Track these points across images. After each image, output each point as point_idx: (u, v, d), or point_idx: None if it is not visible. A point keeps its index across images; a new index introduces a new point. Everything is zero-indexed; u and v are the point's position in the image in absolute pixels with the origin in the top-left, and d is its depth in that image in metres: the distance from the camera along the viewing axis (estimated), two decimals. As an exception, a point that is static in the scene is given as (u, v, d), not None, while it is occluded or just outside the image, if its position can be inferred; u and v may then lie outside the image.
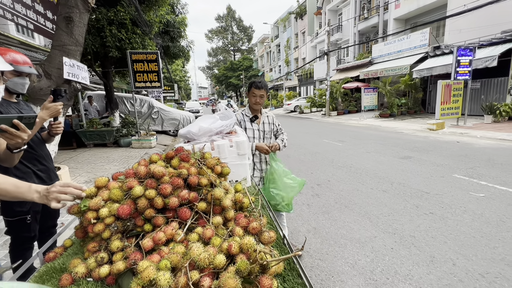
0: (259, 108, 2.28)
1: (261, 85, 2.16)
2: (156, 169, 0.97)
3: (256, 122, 2.27)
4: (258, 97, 2.17)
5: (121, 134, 8.17)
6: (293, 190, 2.02)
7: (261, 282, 0.72)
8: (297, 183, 2.03)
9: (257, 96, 2.17)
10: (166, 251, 0.82)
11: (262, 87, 2.16)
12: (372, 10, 18.88)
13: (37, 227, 1.79)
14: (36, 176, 1.72)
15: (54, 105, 1.58)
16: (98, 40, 6.91)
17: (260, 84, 2.16)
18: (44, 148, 1.82)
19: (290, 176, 2.04)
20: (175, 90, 21.96)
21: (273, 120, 2.40)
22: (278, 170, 2.03)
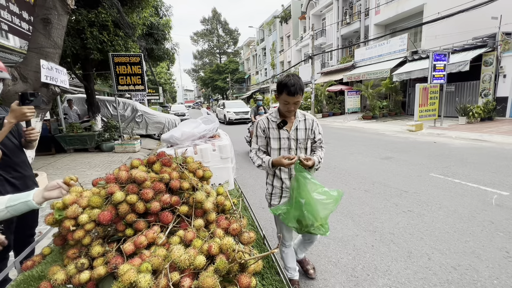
0: (293, 114, 1.74)
1: (296, 90, 1.53)
2: (137, 174, 0.98)
3: (286, 129, 1.71)
4: (291, 104, 1.60)
5: (103, 138, 7.95)
6: (327, 207, 1.56)
7: (240, 280, 0.76)
8: (332, 199, 1.56)
9: (291, 104, 1.60)
10: (148, 255, 0.84)
11: (297, 92, 1.54)
12: (354, 16, 19.49)
13: (11, 237, 1.72)
14: (9, 183, 1.66)
15: (19, 108, 1.53)
16: (78, 42, 6.72)
17: (295, 89, 1.53)
18: (20, 154, 1.76)
19: (322, 190, 1.59)
20: (160, 93, 21.60)
21: (311, 126, 1.77)
22: (306, 183, 1.57)
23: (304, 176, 1.54)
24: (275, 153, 1.72)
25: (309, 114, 1.81)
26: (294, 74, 1.58)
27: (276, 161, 1.62)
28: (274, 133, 1.72)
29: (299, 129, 1.73)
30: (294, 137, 1.73)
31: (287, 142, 1.72)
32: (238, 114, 17.29)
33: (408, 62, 13.58)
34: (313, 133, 1.78)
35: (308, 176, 1.55)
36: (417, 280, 2.14)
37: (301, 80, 1.57)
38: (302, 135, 1.74)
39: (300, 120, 1.74)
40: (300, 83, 1.55)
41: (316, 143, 1.81)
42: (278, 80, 1.58)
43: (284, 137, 1.71)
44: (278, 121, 1.71)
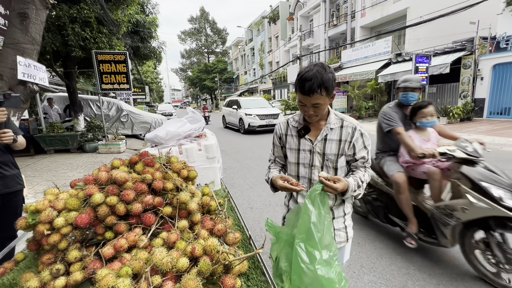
0: (317, 119, 1.21)
1: (311, 88, 1.06)
2: (118, 175, 0.94)
3: (309, 138, 1.24)
4: (309, 108, 1.13)
5: (86, 138, 7.68)
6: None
7: (224, 282, 0.74)
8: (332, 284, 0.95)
9: (308, 107, 1.13)
10: (129, 258, 0.81)
11: (313, 90, 1.06)
12: (340, 18, 19.84)
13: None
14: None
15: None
16: (59, 39, 6.46)
17: (310, 86, 1.06)
18: (2, 155, 1.68)
19: (333, 266, 0.98)
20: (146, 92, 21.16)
21: (350, 137, 1.21)
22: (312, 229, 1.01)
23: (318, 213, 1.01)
24: (293, 168, 1.30)
25: (351, 119, 1.24)
26: (321, 64, 1.08)
27: (274, 180, 1.22)
28: (292, 142, 1.28)
29: (329, 140, 1.21)
30: (320, 150, 1.21)
31: (308, 156, 1.23)
32: (265, 118, 11.44)
33: (392, 64, 13.97)
34: (352, 147, 1.21)
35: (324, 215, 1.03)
36: (401, 276, 2.19)
37: (327, 73, 1.06)
38: (333, 148, 1.20)
39: (332, 128, 1.21)
40: (322, 78, 1.04)
41: (357, 162, 1.23)
42: (299, 72, 1.12)
43: (306, 149, 1.24)
44: (298, 127, 1.26)
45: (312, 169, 1.25)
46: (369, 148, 1.26)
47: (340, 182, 1.10)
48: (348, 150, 1.23)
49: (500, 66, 10.64)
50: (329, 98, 1.13)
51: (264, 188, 4.45)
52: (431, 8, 11.82)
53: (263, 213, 3.51)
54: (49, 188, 0.96)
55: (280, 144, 1.36)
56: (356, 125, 1.23)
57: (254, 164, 6.12)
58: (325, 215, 1.07)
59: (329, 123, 1.23)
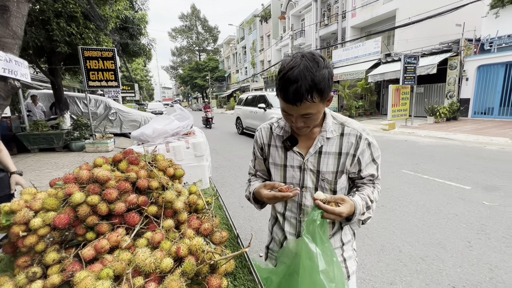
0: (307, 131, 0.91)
1: (298, 94, 0.74)
2: (100, 173, 0.91)
3: (298, 151, 0.95)
4: (297, 119, 0.83)
5: (72, 137, 7.47)
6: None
7: (209, 282, 0.72)
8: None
9: (295, 118, 0.83)
10: (110, 259, 0.78)
11: (301, 97, 0.75)
12: (331, 18, 20.02)
13: None
14: None
15: None
16: (43, 34, 6.25)
17: (296, 91, 0.74)
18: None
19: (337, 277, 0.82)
20: (136, 90, 20.78)
21: (354, 148, 0.93)
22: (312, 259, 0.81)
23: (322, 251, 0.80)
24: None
25: (354, 123, 0.95)
26: (310, 55, 0.76)
27: (257, 192, 0.96)
28: (277, 155, 0.98)
29: (324, 153, 0.92)
30: (314, 166, 0.92)
31: (298, 174, 0.95)
32: None
33: (382, 64, 14.21)
34: (357, 162, 0.93)
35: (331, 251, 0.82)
36: (389, 272, 2.23)
37: (321, 68, 0.74)
38: (329, 165, 0.92)
39: (330, 137, 0.91)
40: (313, 77, 0.72)
41: (363, 180, 0.96)
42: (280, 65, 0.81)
43: (294, 165, 0.95)
44: (284, 136, 0.97)
45: (303, 192, 0.95)
46: (379, 162, 0.95)
47: (345, 204, 0.82)
48: (351, 167, 0.93)
49: (484, 67, 10.98)
50: (325, 104, 0.80)
51: (255, 187, 4.44)
52: (419, 10, 12.09)
53: (253, 212, 3.50)
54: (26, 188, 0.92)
55: (262, 157, 1.06)
56: (361, 132, 0.92)
57: (245, 163, 6.10)
58: (331, 251, 0.83)
59: (324, 131, 0.91)
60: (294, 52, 0.80)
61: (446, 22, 12.09)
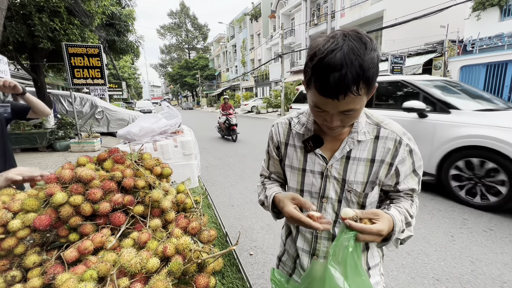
0: (340, 132, 0.74)
1: (343, 85, 0.56)
2: (83, 173, 0.88)
3: (321, 153, 0.79)
4: (334, 117, 0.65)
5: (56, 136, 7.23)
6: None
7: (197, 281, 0.72)
8: None
9: (332, 115, 0.65)
10: (94, 261, 0.76)
11: (347, 89, 0.57)
12: (321, 17, 20.21)
13: None
14: None
15: None
16: (24, 29, 6.02)
17: (340, 81, 0.55)
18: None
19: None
20: (124, 89, 20.32)
21: (391, 155, 0.75)
22: None
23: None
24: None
25: (394, 125, 0.78)
26: (355, 33, 0.59)
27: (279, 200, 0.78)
28: (295, 157, 0.84)
29: (353, 159, 0.76)
30: (339, 174, 0.77)
31: (319, 182, 0.80)
32: None
33: (370, 64, 14.45)
34: (395, 174, 0.77)
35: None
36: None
37: (369, 50, 0.57)
38: (359, 174, 0.76)
39: (361, 140, 0.76)
40: (361, 63, 0.56)
41: (401, 194, 0.81)
42: (310, 48, 0.63)
43: (315, 170, 0.80)
44: (305, 135, 0.82)
45: (323, 203, 0.80)
46: (420, 173, 0.79)
47: (381, 219, 0.64)
48: (386, 178, 0.77)
49: (467, 67, 11.38)
50: (368, 96, 0.64)
51: (246, 186, 4.44)
52: (406, 11, 12.37)
53: (244, 211, 3.50)
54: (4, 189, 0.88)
55: (278, 157, 0.90)
56: (402, 136, 0.75)
57: (236, 162, 6.09)
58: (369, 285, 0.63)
59: (355, 131, 0.75)
60: (331, 32, 0.61)
61: (431, 24, 12.44)
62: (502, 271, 2.14)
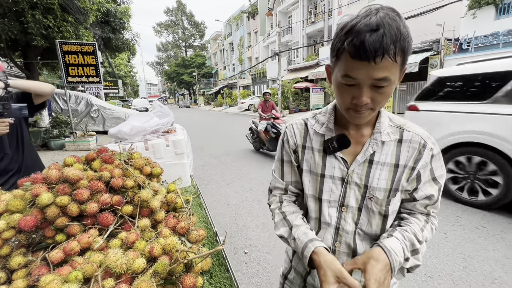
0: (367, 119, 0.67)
1: (381, 44, 0.51)
2: (70, 173, 0.87)
3: (341, 156, 0.73)
4: (365, 89, 0.58)
5: (51, 135, 7.17)
6: None
7: (183, 281, 0.71)
8: None
9: (362, 87, 0.58)
10: (80, 262, 0.76)
11: (385, 50, 0.52)
12: (318, 15, 20.17)
13: None
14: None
15: None
16: (17, 26, 5.94)
17: (378, 41, 0.51)
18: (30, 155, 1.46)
19: None
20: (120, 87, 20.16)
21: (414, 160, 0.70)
22: None
23: None
24: (311, 207, 0.78)
25: (416, 128, 0.74)
26: (389, 6, 0.57)
27: (318, 258, 0.65)
28: (312, 161, 0.76)
29: (377, 163, 0.71)
30: (361, 180, 0.72)
31: (339, 188, 0.74)
32: None
33: (366, 62, 14.49)
34: (416, 178, 0.71)
35: None
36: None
37: (403, 22, 0.55)
38: (382, 179, 0.71)
39: (385, 143, 0.71)
40: (398, 28, 0.53)
41: (417, 204, 0.74)
42: (339, 26, 0.59)
43: (335, 175, 0.74)
44: (328, 135, 0.75)
45: (343, 212, 0.74)
46: (442, 183, 0.72)
47: (372, 268, 0.60)
48: (408, 183, 0.71)
49: (462, 66, 11.44)
50: (400, 75, 0.61)
51: (242, 184, 4.44)
52: (402, 9, 12.28)
53: (239, 209, 3.50)
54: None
55: (297, 162, 0.80)
56: (426, 139, 0.71)
57: (232, 160, 6.08)
58: None
59: (378, 132, 0.70)
60: None
61: (428, 22, 12.47)
62: (494, 267, 2.17)
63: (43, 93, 1.38)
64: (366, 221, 0.74)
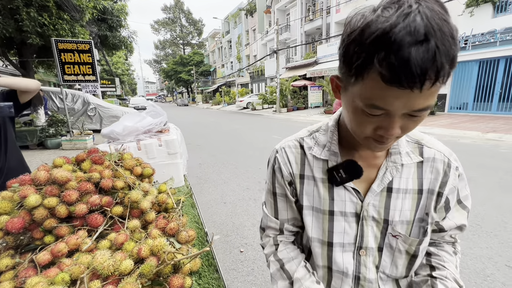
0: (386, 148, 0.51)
1: (430, 69, 0.35)
2: (58, 174, 0.87)
3: (353, 187, 0.58)
4: (394, 119, 0.43)
5: (47, 134, 7.13)
6: None
7: (171, 282, 0.72)
8: None
9: (393, 118, 0.42)
10: (68, 263, 0.76)
11: (433, 73, 0.35)
12: (316, 13, 20.10)
13: None
14: None
15: None
16: (12, 24, 5.88)
17: (429, 63, 0.34)
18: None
19: None
20: (117, 85, 20.06)
21: (440, 182, 0.58)
22: None
23: None
24: (317, 254, 0.63)
25: (437, 142, 0.61)
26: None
27: None
28: (316, 193, 0.61)
29: (397, 190, 0.58)
30: (379, 214, 0.58)
31: (353, 227, 0.59)
32: None
33: (364, 60, 14.47)
34: (444, 206, 0.60)
35: None
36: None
37: (451, 21, 0.37)
38: (406, 210, 0.58)
39: (405, 164, 0.58)
40: (451, 32, 0.36)
41: (444, 236, 0.64)
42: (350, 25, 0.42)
43: (348, 211, 0.59)
44: (332, 161, 0.60)
45: (361, 256, 0.60)
46: (469, 206, 0.63)
47: None
48: (436, 212, 0.59)
49: (460, 64, 11.46)
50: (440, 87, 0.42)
51: (238, 183, 4.45)
52: (399, 7, 12.33)
53: (236, 208, 3.51)
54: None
55: (294, 196, 0.65)
56: (449, 156, 0.59)
57: (229, 159, 6.08)
58: None
59: (397, 152, 0.58)
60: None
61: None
62: (486, 265, 2.19)
63: (28, 89, 1.32)
64: (389, 262, 0.60)
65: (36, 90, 1.35)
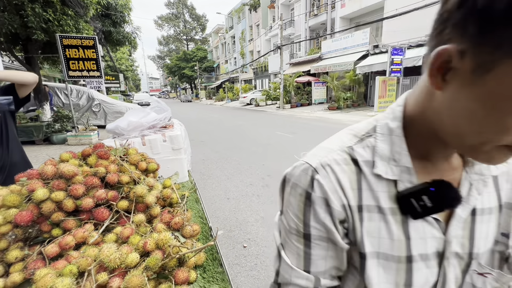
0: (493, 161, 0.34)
1: None
2: (65, 168, 0.88)
3: (436, 217, 0.40)
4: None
5: (53, 129, 7.21)
6: None
7: (176, 275, 0.73)
8: None
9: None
10: (76, 256, 0.77)
11: None
12: (321, 8, 19.85)
13: None
14: None
15: None
16: (17, 20, 5.91)
17: None
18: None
19: None
20: (121, 81, 20.13)
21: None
22: None
23: None
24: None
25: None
26: None
27: None
28: (385, 231, 0.40)
29: (481, 211, 0.43)
30: (462, 246, 0.41)
31: (435, 273, 0.41)
32: None
33: (370, 56, 14.32)
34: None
35: None
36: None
37: None
38: (490, 234, 0.43)
39: (499, 175, 0.45)
40: None
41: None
42: None
43: (430, 252, 0.40)
44: (404, 181, 0.40)
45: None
46: None
47: None
48: None
49: None
50: None
51: (242, 179, 4.46)
52: (407, 1, 12.14)
53: (239, 204, 3.53)
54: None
55: (346, 238, 0.42)
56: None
57: (233, 154, 6.10)
58: None
59: (498, 169, 0.45)
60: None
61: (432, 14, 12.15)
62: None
63: (24, 81, 1.30)
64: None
65: (33, 83, 1.33)
